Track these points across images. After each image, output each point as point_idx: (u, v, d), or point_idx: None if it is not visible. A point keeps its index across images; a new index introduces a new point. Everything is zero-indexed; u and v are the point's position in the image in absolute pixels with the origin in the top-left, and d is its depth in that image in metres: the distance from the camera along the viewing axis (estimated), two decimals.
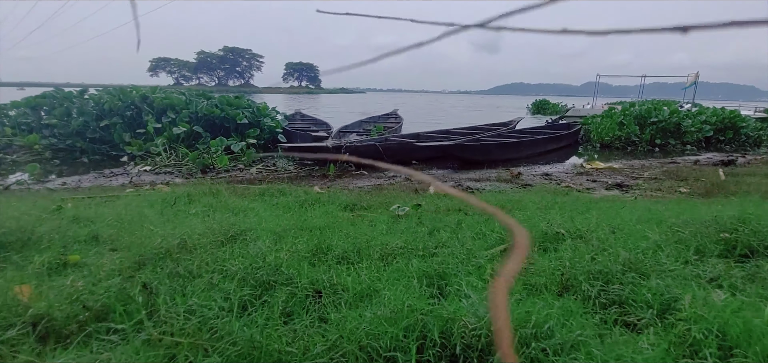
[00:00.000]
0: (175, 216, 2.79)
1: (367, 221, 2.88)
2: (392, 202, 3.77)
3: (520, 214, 3.09)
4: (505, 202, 3.61)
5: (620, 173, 6.97)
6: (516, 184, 5.77)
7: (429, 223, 2.82)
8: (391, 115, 15.87)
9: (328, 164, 7.05)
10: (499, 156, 8.61)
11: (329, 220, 2.83)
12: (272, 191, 3.91)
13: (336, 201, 3.61)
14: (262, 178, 6.34)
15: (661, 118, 11.96)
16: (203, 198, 3.35)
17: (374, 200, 3.79)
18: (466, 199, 1.55)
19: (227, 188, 4.08)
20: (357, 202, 3.61)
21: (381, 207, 3.52)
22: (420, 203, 3.33)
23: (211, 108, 8.70)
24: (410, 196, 4.43)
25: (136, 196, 3.74)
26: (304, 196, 3.68)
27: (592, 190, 5.38)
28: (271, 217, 2.89)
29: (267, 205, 3.35)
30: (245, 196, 3.76)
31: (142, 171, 6.62)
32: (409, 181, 6.20)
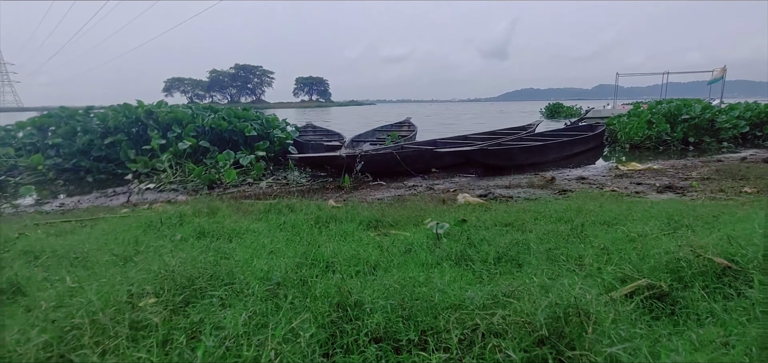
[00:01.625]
0: (145, 249, 2.26)
1: (401, 246, 2.34)
2: (420, 215, 3.24)
3: (606, 232, 2.48)
4: (561, 212, 3.00)
5: (664, 174, 6.33)
6: (551, 190, 5.18)
7: (485, 244, 2.26)
8: (405, 123, 15.37)
9: (342, 176, 6.56)
10: (524, 160, 8.03)
11: (351, 249, 2.26)
12: (280, 207, 3.40)
13: (355, 217, 3.08)
14: (272, 192, 5.87)
15: (692, 114, 11.23)
16: (196, 218, 2.87)
17: (399, 215, 3.26)
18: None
19: (229, 205, 3.61)
20: (380, 218, 3.08)
21: (410, 222, 2.99)
22: (464, 219, 2.75)
23: (218, 121, 8.31)
24: (438, 207, 3.89)
25: (122, 218, 3.29)
26: (317, 213, 3.15)
27: (643, 194, 4.76)
28: (274, 245, 2.38)
29: (271, 226, 2.85)
30: (249, 214, 3.26)
31: (144, 189, 6.21)
32: (432, 190, 5.66)
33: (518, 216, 2.90)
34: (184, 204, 3.66)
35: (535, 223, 2.71)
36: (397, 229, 2.79)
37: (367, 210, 3.41)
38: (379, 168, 7.19)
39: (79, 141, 8.39)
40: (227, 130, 8.38)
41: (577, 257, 2.04)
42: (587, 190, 4.98)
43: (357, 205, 4.11)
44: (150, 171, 7.54)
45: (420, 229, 2.68)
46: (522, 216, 2.91)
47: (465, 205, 3.92)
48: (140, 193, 5.98)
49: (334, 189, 6.16)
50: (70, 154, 8.39)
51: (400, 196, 4.97)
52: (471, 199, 4.11)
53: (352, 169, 6.77)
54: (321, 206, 3.48)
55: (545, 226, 2.61)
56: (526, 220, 2.80)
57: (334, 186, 6.39)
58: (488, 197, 4.71)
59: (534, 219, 2.82)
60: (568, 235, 2.47)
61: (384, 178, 6.91)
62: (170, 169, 7.12)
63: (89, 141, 8.36)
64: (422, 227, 2.70)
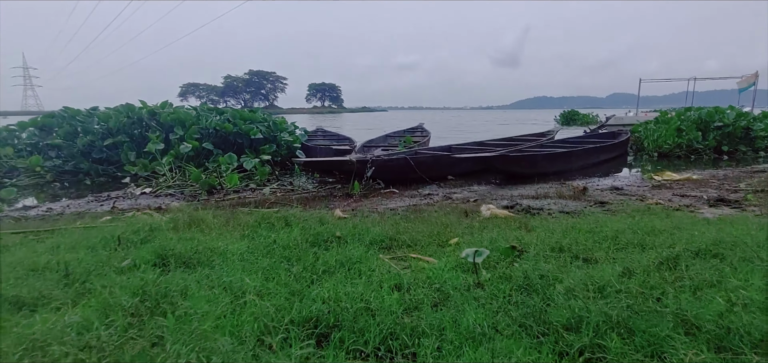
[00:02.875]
0: (68, 283, 1.76)
1: (428, 287, 1.78)
2: (443, 232, 2.72)
3: (714, 268, 1.81)
4: (625, 233, 2.38)
5: (707, 185, 5.70)
6: (585, 202, 4.60)
7: (551, 286, 1.67)
8: (417, 129, 14.84)
9: (352, 182, 6.07)
10: (548, 168, 7.45)
11: (357, 292, 1.68)
12: (274, 220, 2.90)
13: (364, 234, 2.58)
14: (276, 199, 5.41)
15: (726, 122, 10.50)
16: (171, 233, 2.39)
17: (418, 230, 2.74)
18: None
19: (219, 215, 3.13)
20: (395, 236, 2.56)
21: (432, 242, 2.46)
22: (514, 245, 2.16)
23: (223, 123, 7.91)
24: (461, 221, 3.36)
25: (87, 228, 2.84)
26: (317, 228, 2.64)
27: (694, 208, 4.17)
28: (248, 282, 1.80)
29: (257, 248, 2.32)
30: (236, 227, 2.77)
31: (139, 193, 5.81)
32: (450, 199, 5.13)
33: (571, 237, 2.34)
34: (170, 212, 3.21)
35: (600, 249, 2.16)
36: (417, 252, 2.27)
37: (379, 224, 2.90)
38: (391, 174, 6.68)
39: (80, 142, 8.07)
40: (232, 132, 7.98)
41: (717, 321, 1.35)
42: (629, 203, 4.41)
43: (367, 217, 3.61)
44: (150, 174, 7.16)
45: (447, 253, 2.15)
46: (576, 237, 2.35)
47: (492, 219, 3.39)
48: (134, 198, 5.57)
49: (342, 197, 5.67)
50: (70, 155, 8.09)
51: (414, 207, 4.45)
52: (498, 212, 3.58)
53: (362, 175, 6.28)
54: (323, 219, 2.97)
55: (616, 253, 2.06)
56: (585, 243, 2.24)
57: (343, 193, 5.91)
58: (515, 209, 4.16)
59: (594, 242, 2.28)
60: (663, 273, 1.84)
61: (396, 186, 6.40)
62: (170, 172, 6.72)
63: (90, 142, 8.04)
64: (449, 250, 2.18)
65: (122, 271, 1.84)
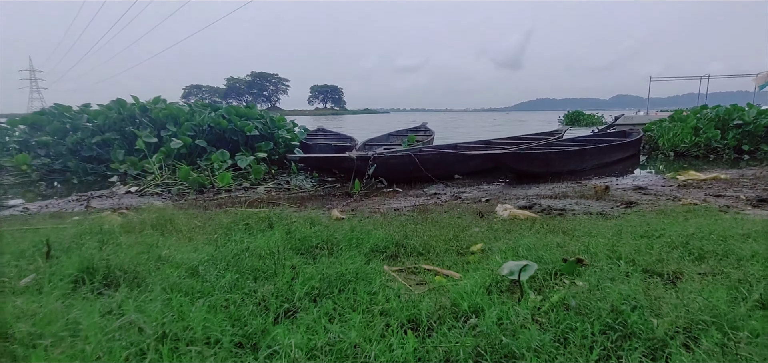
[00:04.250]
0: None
1: (459, 319, 1.29)
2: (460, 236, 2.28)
3: None
4: (690, 240, 1.92)
5: (739, 185, 5.25)
6: (610, 202, 4.16)
7: (643, 319, 1.17)
8: (421, 128, 14.39)
9: (352, 181, 5.65)
10: (562, 167, 7.00)
11: (348, 336, 1.18)
12: (256, 220, 2.47)
13: (365, 239, 2.15)
14: (269, 199, 4.99)
15: (746, 120, 10.01)
16: (126, 236, 1.97)
17: (429, 234, 2.31)
18: None
19: (195, 215, 2.72)
20: (402, 240, 2.12)
21: (448, 249, 2.02)
22: (581, 259, 1.63)
23: (218, 119, 7.51)
24: (476, 222, 2.93)
25: (30, 230, 2.43)
26: (305, 231, 2.21)
27: (736, 208, 3.72)
28: (183, 313, 1.29)
29: (222, 256, 1.85)
30: (207, 231, 2.35)
31: (123, 193, 5.41)
32: (459, 199, 4.69)
33: (628, 244, 1.87)
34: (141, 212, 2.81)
35: (673, 260, 1.69)
36: (432, 263, 1.83)
37: (382, 226, 2.47)
38: (394, 173, 6.26)
39: (69, 140, 7.71)
40: (227, 129, 7.58)
41: None
42: (661, 203, 3.96)
43: (368, 218, 3.19)
44: (140, 173, 6.77)
45: (471, 264, 1.71)
46: (633, 244, 1.88)
47: (511, 220, 2.96)
48: (117, 197, 5.17)
49: (341, 196, 5.25)
50: (59, 153, 7.72)
51: (421, 207, 4.02)
52: (517, 212, 3.15)
53: (363, 173, 5.86)
54: (314, 220, 2.55)
55: (696, 264, 1.61)
56: (649, 252, 1.79)
57: (343, 193, 5.49)
58: (534, 209, 3.73)
59: (660, 250, 1.83)
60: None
61: (400, 185, 5.98)
62: (159, 170, 6.32)
63: (79, 140, 7.67)
64: (473, 260, 1.74)
65: (16, 291, 1.42)
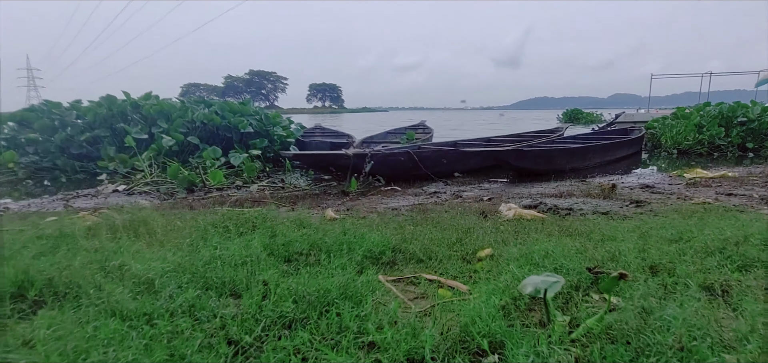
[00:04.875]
0: None
1: (472, 354, 1.10)
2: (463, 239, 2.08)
3: None
4: (727, 246, 1.73)
5: (749, 183, 5.07)
6: (618, 201, 3.97)
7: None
8: (419, 126, 14.20)
9: (348, 179, 5.46)
10: (565, 165, 6.82)
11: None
12: (236, 222, 2.26)
13: (358, 244, 1.93)
14: (262, 197, 4.79)
15: (750, 117, 9.84)
16: (89, 240, 1.77)
17: (430, 237, 2.10)
18: None
19: (177, 214, 2.52)
20: (399, 245, 1.91)
21: (452, 255, 1.82)
22: (624, 273, 1.28)
23: (211, 115, 7.30)
24: (480, 223, 2.73)
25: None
26: (292, 235, 2.00)
27: (751, 207, 3.53)
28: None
29: (190, 265, 1.61)
30: (182, 235, 2.14)
31: (110, 191, 5.21)
32: (460, 198, 4.50)
33: (658, 250, 1.67)
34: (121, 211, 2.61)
35: (715, 269, 1.49)
36: (434, 271, 1.62)
37: (379, 228, 2.27)
38: (392, 170, 6.07)
39: (57, 137, 7.48)
40: (221, 125, 7.37)
41: None
42: (672, 202, 3.78)
43: (364, 218, 2.99)
44: (130, 170, 6.56)
45: (478, 272, 1.51)
46: (663, 249, 1.68)
47: (517, 221, 2.77)
48: (104, 196, 4.96)
49: (337, 195, 5.06)
50: (47, 151, 7.50)
51: (420, 206, 3.82)
52: (523, 212, 2.95)
53: (360, 171, 5.67)
54: (304, 221, 2.34)
55: (739, 275, 1.42)
56: (686, 260, 1.58)
57: (339, 191, 5.29)
58: (539, 208, 3.53)
59: (695, 257, 1.61)
60: None
61: (398, 183, 5.78)
62: (149, 168, 6.11)
63: (68, 137, 7.45)
64: (481, 268, 1.53)
65: None
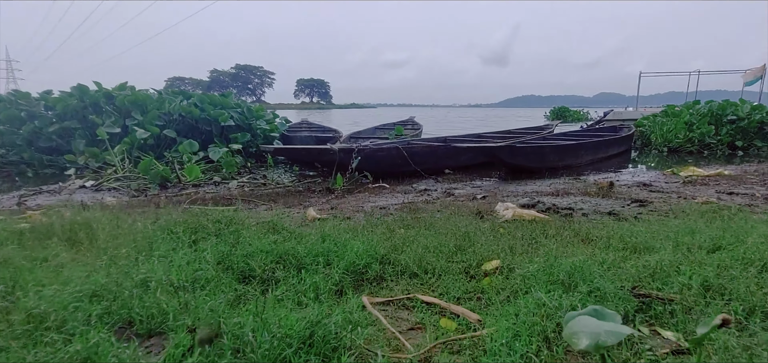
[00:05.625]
0: None
1: None
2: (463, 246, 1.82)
3: None
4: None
5: (746, 182, 4.94)
6: (618, 200, 3.77)
7: None
8: (408, 122, 13.92)
9: (334, 175, 5.17)
10: (557, 162, 6.64)
11: None
12: (189, 226, 1.96)
13: (339, 254, 1.66)
14: (241, 195, 4.47)
15: (740, 115, 9.82)
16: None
17: (423, 245, 1.81)
18: None
19: (131, 215, 2.21)
20: (389, 254, 1.63)
21: (453, 267, 1.55)
22: (726, 317, 0.92)
23: (189, 107, 6.92)
24: (476, 224, 2.48)
25: None
26: (259, 243, 1.70)
27: (755, 207, 3.36)
28: None
29: (111, 287, 1.28)
30: (124, 241, 1.82)
31: (78, 187, 4.83)
32: (452, 196, 4.25)
33: (703, 265, 1.44)
34: (74, 211, 2.29)
35: (762, 284, 1.27)
36: (431, 289, 1.35)
37: (365, 231, 2.00)
38: (380, 167, 5.80)
39: (24, 130, 7.01)
40: (200, 118, 6.99)
41: None
42: (672, 201, 3.59)
43: (349, 219, 2.71)
44: (102, 165, 6.16)
45: (490, 294, 1.24)
46: (705, 261, 1.46)
47: (516, 222, 2.52)
48: (69, 193, 4.59)
49: (322, 192, 4.77)
50: (13, 144, 7.02)
51: (410, 205, 3.56)
52: (523, 212, 2.71)
53: (346, 167, 5.38)
54: (279, 225, 2.04)
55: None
56: (743, 279, 1.36)
57: (323, 188, 5.00)
58: (538, 208, 3.30)
59: (726, 269, 1.37)
60: None
61: (386, 180, 5.52)
62: (120, 163, 5.73)
63: (36, 129, 6.98)
64: (489, 285, 1.27)
65: None
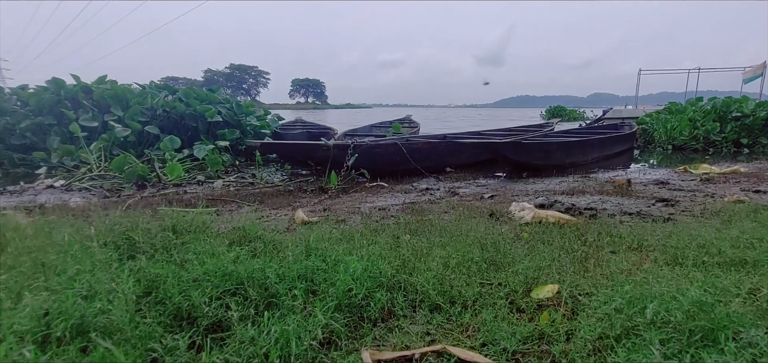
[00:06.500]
0: None
1: None
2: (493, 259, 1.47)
3: None
4: None
5: (764, 178, 4.63)
6: (640, 199, 3.42)
7: None
8: (405, 120, 13.53)
9: (327, 173, 4.79)
10: (563, 159, 6.31)
11: None
12: (152, 233, 1.57)
13: (328, 278, 1.30)
14: (225, 195, 4.08)
15: (745, 112, 9.56)
16: None
17: (441, 259, 1.44)
18: None
19: (73, 224, 1.83)
20: (399, 277, 1.26)
21: (488, 295, 1.18)
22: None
23: (174, 102, 6.50)
24: (490, 226, 2.12)
25: None
26: (217, 263, 1.29)
27: None
28: None
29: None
30: (42, 257, 1.44)
31: (45, 188, 4.41)
32: (457, 195, 3.88)
33: None
34: None
35: None
36: (463, 338, 0.94)
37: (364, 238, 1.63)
38: (378, 164, 5.43)
39: None
40: (185, 114, 6.57)
41: None
42: (699, 200, 3.25)
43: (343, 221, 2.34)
44: (78, 163, 5.73)
45: (559, 342, 0.89)
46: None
47: (539, 225, 2.16)
48: (35, 194, 4.16)
49: (314, 191, 4.38)
50: None
51: (412, 206, 3.19)
52: (544, 214, 2.35)
53: (341, 164, 5.00)
54: (250, 233, 1.66)
55: None
56: None
57: (316, 187, 4.62)
58: (554, 208, 2.94)
59: None
60: None
61: (384, 179, 5.15)
62: (97, 161, 5.31)
63: (8, 126, 6.53)
64: (551, 329, 0.92)
65: None
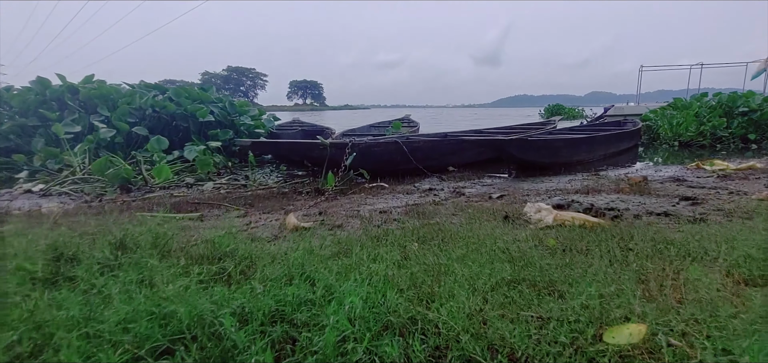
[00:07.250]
0: None
1: None
2: (535, 279, 1.22)
3: None
4: None
5: None
6: (663, 198, 3.17)
7: None
8: (404, 119, 13.29)
9: (324, 173, 4.52)
10: (570, 157, 6.07)
11: None
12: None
13: (326, 310, 1.02)
14: (214, 198, 3.81)
15: (752, 107, 9.33)
16: None
17: (466, 281, 1.20)
18: None
19: (34, 230, 1.58)
20: (414, 310, 0.99)
21: (545, 341, 0.92)
22: None
23: (164, 102, 6.23)
24: (507, 230, 1.86)
25: None
26: (158, 297, 1.00)
27: None
28: None
29: None
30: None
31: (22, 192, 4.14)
32: (463, 196, 3.62)
33: None
34: None
35: None
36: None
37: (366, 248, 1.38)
38: (377, 164, 5.17)
39: None
40: (177, 114, 6.30)
41: None
42: (723, 197, 3.00)
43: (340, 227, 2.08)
44: (62, 166, 5.46)
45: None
46: None
47: (559, 228, 1.91)
48: (11, 199, 3.90)
49: (310, 193, 4.12)
50: None
51: (416, 208, 2.93)
52: (567, 216, 2.10)
53: (338, 164, 4.74)
54: (221, 246, 1.41)
55: None
56: None
57: (312, 189, 4.35)
58: (572, 208, 2.69)
59: None
60: None
61: (384, 179, 4.89)
62: (80, 163, 5.04)
63: None
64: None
65: None
